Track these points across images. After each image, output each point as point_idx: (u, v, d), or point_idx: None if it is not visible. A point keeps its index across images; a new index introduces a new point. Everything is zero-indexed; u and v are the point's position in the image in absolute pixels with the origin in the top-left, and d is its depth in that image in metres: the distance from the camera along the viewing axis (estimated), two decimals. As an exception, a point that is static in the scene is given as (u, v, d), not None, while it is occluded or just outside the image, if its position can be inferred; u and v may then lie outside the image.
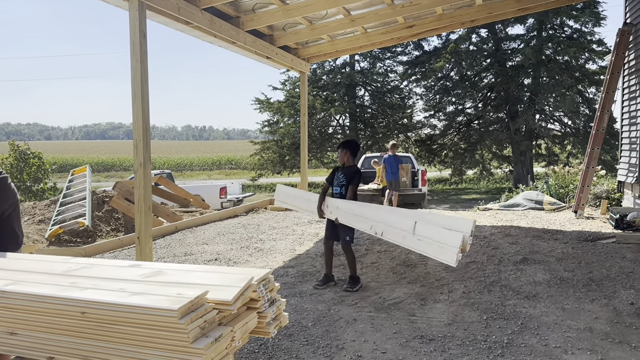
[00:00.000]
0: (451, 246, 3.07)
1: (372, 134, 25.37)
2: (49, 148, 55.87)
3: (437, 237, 3.29)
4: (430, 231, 3.40)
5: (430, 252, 3.36)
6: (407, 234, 3.63)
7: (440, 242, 3.23)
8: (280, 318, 1.98)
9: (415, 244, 3.54)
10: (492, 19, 9.55)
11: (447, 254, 3.12)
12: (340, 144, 5.09)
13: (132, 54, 5.09)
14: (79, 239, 7.93)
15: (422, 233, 3.48)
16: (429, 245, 3.37)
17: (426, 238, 3.41)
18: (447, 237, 3.17)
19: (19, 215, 2.67)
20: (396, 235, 3.79)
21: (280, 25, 8.37)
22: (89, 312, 1.65)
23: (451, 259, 3.05)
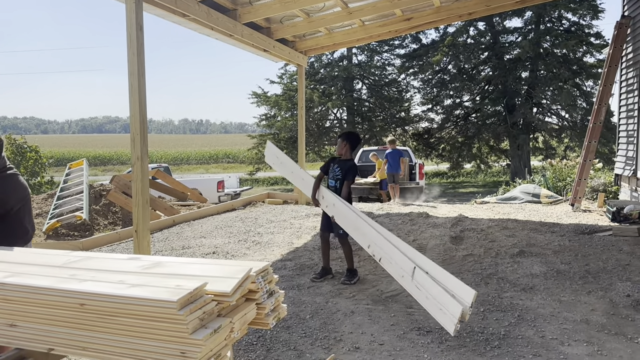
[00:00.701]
0: (451, 314, 3.06)
1: (369, 128, 25.37)
2: (46, 142, 55.69)
3: (437, 297, 3.23)
4: (430, 285, 3.33)
5: (429, 307, 3.31)
6: (406, 274, 3.56)
7: (440, 304, 3.20)
8: (278, 309, 1.98)
9: (414, 291, 3.47)
10: (490, 11, 9.54)
11: (446, 319, 3.09)
12: (342, 134, 5.02)
13: (129, 46, 5.06)
14: (76, 232, 7.92)
15: (421, 283, 3.40)
16: (428, 300, 3.31)
17: (425, 291, 3.36)
18: (448, 304, 3.12)
19: (30, 210, 2.69)
20: (394, 269, 3.72)
21: (277, 18, 8.34)
22: (88, 303, 1.66)
23: (450, 327, 3.05)
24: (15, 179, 2.61)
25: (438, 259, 5.54)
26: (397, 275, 3.68)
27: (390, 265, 3.77)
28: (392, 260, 3.75)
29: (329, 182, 4.93)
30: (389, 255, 3.80)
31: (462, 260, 5.46)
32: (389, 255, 3.80)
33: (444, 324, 3.11)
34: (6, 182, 2.49)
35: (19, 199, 2.58)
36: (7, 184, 2.50)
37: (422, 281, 3.38)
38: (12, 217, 2.55)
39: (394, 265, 3.71)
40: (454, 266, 5.22)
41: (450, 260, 5.46)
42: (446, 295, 3.14)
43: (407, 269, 3.56)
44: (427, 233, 6.92)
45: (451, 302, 3.08)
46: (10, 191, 2.53)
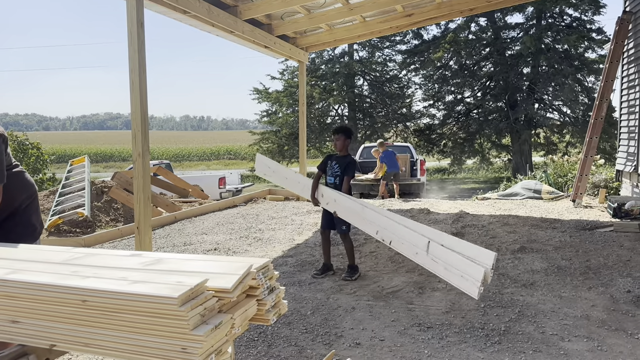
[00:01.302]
0: (474, 279, 3.08)
1: (371, 124, 25.37)
2: (48, 138, 55.75)
3: (457, 265, 3.26)
4: (447, 256, 3.36)
5: (449, 278, 3.34)
6: (420, 250, 3.59)
7: (460, 271, 3.23)
8: (279, 306, 1.99)
9: (430, 264, 3.51)
10: (491, 7, 9.51)
11: (468, 285, 3.12)
12: (338, 129, 4.94)
13: (130, 43, 5.07)
14: (78, 229, 7.94)
15: (437, 255, 3.44)
16: (447, 270, 3.34)
17: (442, 262, 3.39)
18: (469, 269, 3.16)
19: (37, 207, 2.70)
20: (407, 249, 3.75)
21: (278, 14, 8.33)
22: (90, 300, 1.67)
23: (473, 291, 3.08)
24: (22, 176, 2.62)
25: (439, 255, 5.54)
26: (410, 253, 3.70)
27: (402, 246, 3.79)
28: (404, 240, 3.77)
29: (328, 179, 4.92)
30: (400, 236, 3.82)
31: (463, 256, 5.46)
32: (400, 236, 3.82)
33: (467, 289, 3.12)
34: (13, 179, 2.50)
35: (27, 196, 2.60)
36: (14, 181, 2.51)
37: (438, 253, 3.41)
38: (20, 214, 2.57)
39: (406, 244, 3.74)
40: (455, 262, 5.22)
41: (451, 257, 5.46)
42: (466, 261, 3.17)
43: (420, 244, 3.59)
44: (428, 229, 6.92)
45: (472, 266, 3.10)
46: (18, 188, 2.54)
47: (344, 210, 4.53)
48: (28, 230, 2.61)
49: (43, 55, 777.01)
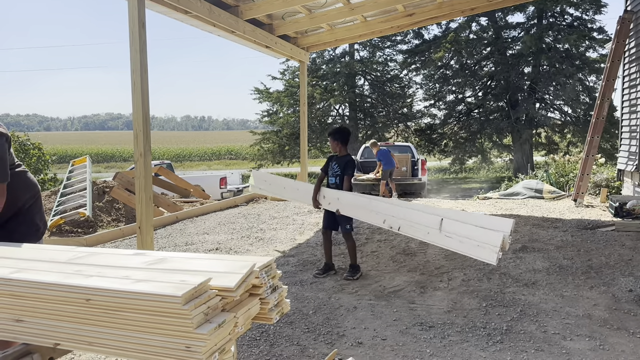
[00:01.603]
0: (492, 245, 3.12)
1: (372, 124, 25.36)
2: (49, 139, 55.77)
3: (473, 236, 3.30)
4: (462, 229, 3.40)
5: (464, 250, 3.39)
6: (432, 230, 3.62)
7: (477, 241, 3.26)
8: (282, 304, 2.00)
9: (443, 240, 3.54)
10: (492, 6, 9.51)
11: (486, 253, 3.16)
12: (331, 133, 4.96)
13: (132, 43, 5.07)
14: (79, 229, 7.95)
15: (451, 230, 3.47)
16: (462, 243, 3.38)
17: (457, 236, 3.42)
18: (487, 237, 3.19)
19: (41, 207, 2.71)
20: (418, 231, 3.78)
21: (279, 14, 8.34)
22: (93, 299, 1.67)
23: (491, 258, 3.11)
24: (25, 176, 2.63)
25: (440, 254, 5.55)
26: (422, 234, 3.74)
27: (413, 229, 3.83)
28: (413, 222, 3.81)
29: (329, 180, 4.96)
30: (409, 219, 3.86)
31: (464, 255, 5.46)
32: (409, 219, 3.86)
33: (485, 257, 3.17)
34: (17, 179, 2.51)
35: (30, 195, 2.61)
36: (17, 181, 2.51)
37: (451, 229, 3.46)
38: (24, 214, 2.58)
39: (417, 226, 3.77)
40: (456, 262, 5.23)
41: (452, 256, 5.46)
42: (481, 230, 3.22)
43: (432, 224, 3.63)
44: (429, 229, 6.92)
45: (489, 233, 3.16)
46: (21, 188, 2.55)
47: (348, 206, 4.57)
48: (32, 229, 2.62)
49: (44, 56, 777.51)
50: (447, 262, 5.23)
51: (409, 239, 6.34)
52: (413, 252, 5.68)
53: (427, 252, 5.69)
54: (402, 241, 6.23)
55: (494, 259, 3.06)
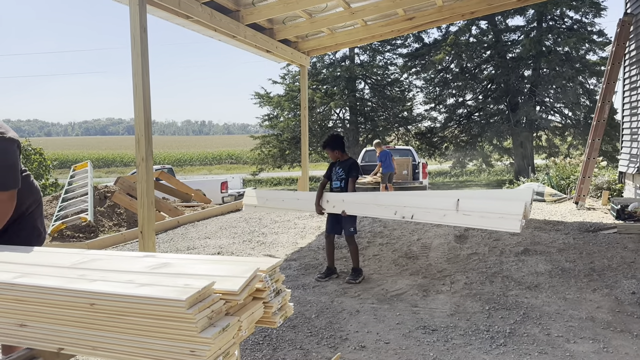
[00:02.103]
0: (515, 214, 3.27)
1: (372, 127, 25.37)
2: (50, 144, 55.83)
3: (494, 209, 3.49)
4: (480, 205, 3.57)
5: (486, 224, 3.56)
6: (449, 212, 3.76)
7: (499, 213, 3.41)
8: (285, 308, 1.99)
9: (462, 219, 3.68)
10: (492, 10, 9.52)
11: (508, 222, 3.35)
12: (326, 144, 4.98)
13: (133, 48, 5.08)
14: (81, 234, 7.96)
15: (469, 208, 3.64)
16: (482, 218, 3.55)
17: (476, 212, 3.57)
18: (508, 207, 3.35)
19: (42, 213, 2.72)
20: (432, 215, 3.92)
21: (280, 19, 8.35)
22: (98, 303, 1.67)
23: (515, 226, 3.29)
24: (29, 181, 2.64)
25: (442, 257, 5.54)
26: (437, 218, 3.86)
27: (428, 214, 3.94)
28: (428, 208, 3.91)
29: (334, 184, 5.00)
30: (422, 206, 3.97)
31: (467, 259, 5.47)
32: (422, 206, 3.97)
33: (508, 227, 3.36)
34: (22, 183, 2.52)
35: (33, 200, 2.62)
36: (23, 185, 2.52)
37: (470, 206, 3.61)
38: (27, 218, 2.58)
39: (431, 211, 3.89)
40: (459, 265, 5.22)
41: (454, 259, 5.46)
42: (502, 202, 3.35)
43: (448, 205, 3.76)
44: (431, 232, 6.92)
45: (510, 204, 3.30)
46: (25, 192, 2.56)
47: (355, 206, 4.63)
48: (33, 234, 2.62)
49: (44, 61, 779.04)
50: (449, 265, 5.22)
51: (411, 242, 6.33)
52: (415, 256, 5.68)
53: (429, 255, 5.69)
54: (404, 244, 6.22)
55: (518, 227, 3.23)
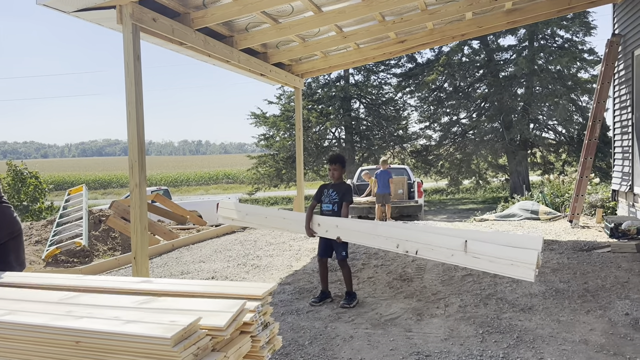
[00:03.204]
0: (528, 263, 3.24)
1: (368, 146, 25.53)
2: (46, 166, 55.83)
3: (504, 255, 3.42)
4: (490, 249, 3.51)
5: (496, 269, 3.51)
6: (456, 252, 3.68)
7: (510, 260, 3.38)
8: (274, 341, 2.00)
9: (470, 261, 3.62)
10: (482, 32, 9.68)
11: (521, 271, 3.32)
12: (334, 159, 4.96)
13: (127, 75, 5.13)
14: (76, 259, 7.92)
15: (478, 251, 3.57)
16: (492, 263, 3.49)
17: (486, 256, 3.51)
18: (520, 255, 3.31)
19: (19, 248, 2.60)
20: (439, 254, 3.82)
21: (273, 43, 8.46)
22: (83, 340, 1.68)
23: (529, 275, 3.26)
24: (6, 212, 2.58)
25: (437, 279, 5.53)
26: (444, 257, 3.79)
27: (433, 252, 3.87)
28: (433, 245, 3.85)
29: (325, 206, 4.94)
30: (427, 242, 3.90)
31: (461, 280, 5.46)
32: (427, 242, 3.90)
33: (521, 275, 3.31)
34: None
35: (8, 232, 2.54)
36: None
37: (479, 249, 3.55)
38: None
39: (437, 250, 3.82)
40: (453, 287, 5.21)
41: (449, 281, 5.45)
42: (513, 249, 3.30)
43: (455, 246, 3.69)
44: (426, 253, 6.91)
45: (521, 252, 3.26)
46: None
47: (351, 233, 4.55)
48: (3, 267, 2.53)
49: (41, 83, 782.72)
50: (443, 288, 5.21)
51: (406, 264, 6.33)
52: (410, 278, 5.67)
53: (423, 277, 5.68)
54: (399, 266, 6.21)
55: (532, 276, 3.22)
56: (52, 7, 4.94)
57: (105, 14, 5.29)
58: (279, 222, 5.29)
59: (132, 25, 5.10)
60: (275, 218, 5.33)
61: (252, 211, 5.67)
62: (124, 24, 5.12)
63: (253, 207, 5.79)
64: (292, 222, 5.10)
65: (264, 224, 5.50)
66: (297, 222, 4.97)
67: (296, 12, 6.94)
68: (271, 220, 5.36)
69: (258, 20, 7.04)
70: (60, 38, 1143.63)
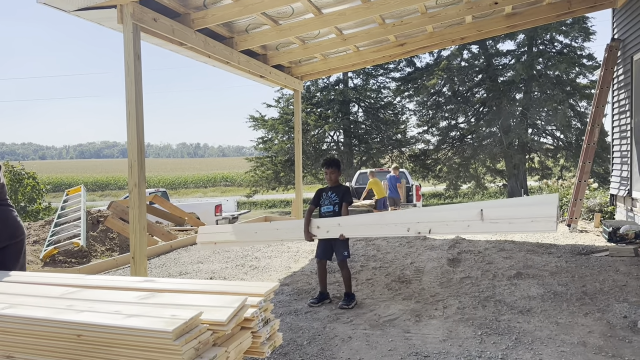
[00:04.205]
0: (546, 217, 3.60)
1: (366, 150, 25.54)
2: (44, 168, 55.70)
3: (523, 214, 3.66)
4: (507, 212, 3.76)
5: (516, 228, 3.73)
6: (473, 222, 3.89)
7: (529, 217, 3.63)
8: (274, 338, 2.00)
9: (489, 227, 3.85)
10: (482, 36, 9.72)
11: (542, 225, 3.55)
12: (329, 162, 4.98)
13: (127, 75, 5.14)
14: (73, 259, 7.90)
15: (496, 216, 3.82)
16: (512, 224, 3.74)
17: (504, 219, 3.72)
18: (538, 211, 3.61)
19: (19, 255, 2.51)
20: (454, 227, 4.02)
21: (273, 45, 8.48)
22: (84, 334, 1.67)
23: (551, 226, 3.51)
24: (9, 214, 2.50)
25: (435, 281, 5.54)
26: (461, 229, 3.95)
27: (447, 227, 4.01)
28: (448, 221, 3.99)
29: (325, 208, 4.95)
30: (441, 220, 4.04)
31: (460, 282, 5.46)
32: (441, 220, 4.04)
33: (543, 228, 3.62)
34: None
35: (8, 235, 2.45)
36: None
37: (496, 214, 3.76)
38: None
39: (452, 224, 3.96)
40: (452, 289, 5.21)
41: (447, 283, 5.45)
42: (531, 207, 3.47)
43: (471, 216, 3.87)
44: (424, 255, 6.92)
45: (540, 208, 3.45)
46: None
47: (355, 228, 4.59)
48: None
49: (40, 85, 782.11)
50: (442, 289, 5.21)
51: (404, 266, 6.33)
52: (408, 280, 5.67)
53: (422, 279, 5.68)
54: (398, 268, 6.22)
55: (555, 226, 3.47)
56: (52, 6, 4.95)
57: (106, 14, 5.30)
58: (272, 233, 5.22)
59: (132, 24, 5.11)
60: (267, 231, 5.27)
61: (238, 229, 5.59)
62: (125, 24, 5.14)
63: (238, 225, 5.74)
64: (286, 231, 5.08)
65: (254, 239, 5.40)
66: (291, 229, 4.96)
67: (296, 13, 6.96)
68: (263, 234, 5.28)
69: (258, 21, 7.06)
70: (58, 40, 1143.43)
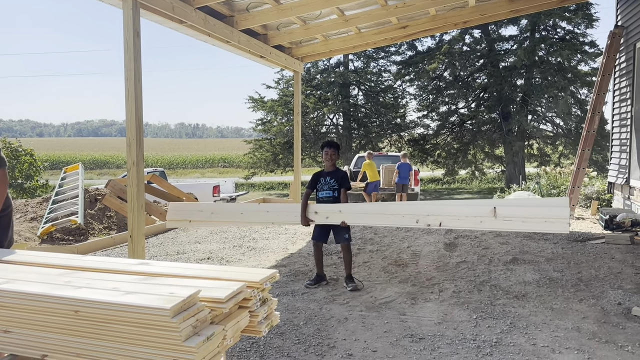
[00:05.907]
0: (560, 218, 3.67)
1: (365, 134, 25.45)
2: (41, 145, 55.47)
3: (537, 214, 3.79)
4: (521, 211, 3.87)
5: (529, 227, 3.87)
6: (485, 218, 3.99)
7: (543, 218, 3.74)
8: (271, 317, 2.01)
9: (501, 225, 4.00)
10: (484, 20, 9.61)
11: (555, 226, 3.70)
12: (329, 144, 4.97)
13: (126, 52, 5.08)
14: (71, 236, 7.91)
15: (509, 214, 3.97)
16: (525, 223, 3.93)
17: (518, 217, 3.85)
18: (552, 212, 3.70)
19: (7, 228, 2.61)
20: (466, 222, 4.10)
21: (274, 25, 8.38)
22: (82, 310, 1.67)
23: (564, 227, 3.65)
24: None
25: (432, 265, 5.56)
26: (472, 224, 4.03)
27: (459, 222, 4.06)
28: (459, 216, 4.07)
29: (323, 193, 4.95)
30: (453, 214, 4.12)
31: (456, 267, 5.49)
32: (453, 214, 4.12)
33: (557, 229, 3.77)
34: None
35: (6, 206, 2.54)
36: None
37: (509, 213, 3.88)
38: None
39: (464, 219, 4.03)
40: (448, 273, 5.24)
41: (444, 267, 5.48)
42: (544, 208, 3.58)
43: (483, 213, 3.97)
44: (421, 240, 6.95)
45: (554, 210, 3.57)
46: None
47: (357, 217, 4.60)
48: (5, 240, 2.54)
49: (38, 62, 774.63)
50: (438, 274, 5.24)
51: (401, 249, 6.36)
52: (405, 263, 5.70)
53: (418, 263, 5.71)
54: (394, 252, 6.24)
55: (567, 228, 3.61)
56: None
57: (106, -11, 5.21)
58: (261, 215, 5.12)
59: (132, 1, 5.04)
60: (255, 212, 5.16)
61: (220, 208, 5.48)
62: (125, 0, 5.06)
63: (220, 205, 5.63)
64: (277, 214, 5.04)
65: (239, 220, 5.27)
66: (283, 212, 4.93)
67: (298, -7, 6.86)
68: (249, 215, 5.17)
69: (259, 0, 6.96)
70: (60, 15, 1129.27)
